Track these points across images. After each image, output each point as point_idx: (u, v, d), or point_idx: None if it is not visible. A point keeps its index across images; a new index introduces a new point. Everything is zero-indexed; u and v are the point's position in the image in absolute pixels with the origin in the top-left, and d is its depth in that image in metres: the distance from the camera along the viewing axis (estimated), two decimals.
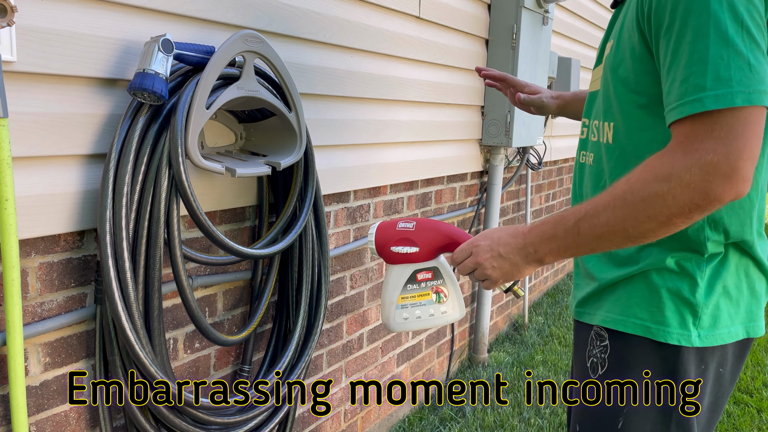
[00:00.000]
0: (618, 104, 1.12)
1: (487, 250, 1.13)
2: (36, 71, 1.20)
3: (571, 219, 1.03)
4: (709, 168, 0.91)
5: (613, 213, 0.98)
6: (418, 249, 1.23)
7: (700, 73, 0.92)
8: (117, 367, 1.36)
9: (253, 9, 1.64)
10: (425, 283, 1.26)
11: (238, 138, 1.68)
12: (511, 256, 1.11)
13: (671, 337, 1.10)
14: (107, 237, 1.28)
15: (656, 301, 1.12)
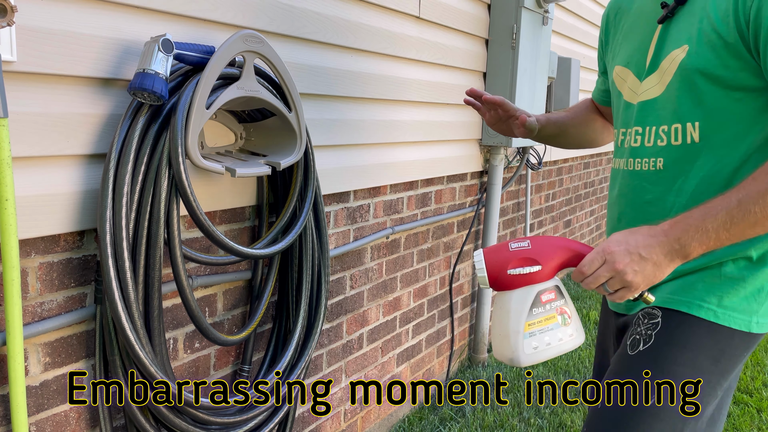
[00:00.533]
0: (706, 103, 1.16)
1: (625, 254, 1.09)
2: (36, 71, 1.20)
3: (721, 210, 1.05)
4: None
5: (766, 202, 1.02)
6: (541, 267, 1.15)
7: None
8: (117, 367, 1.36)
9: (253, 9, 1.64)
10: (550, 304, 1.17)
11: (238, 138, 1.68)
12: (654, 256, 1.09)
13: (734, 321, 1.15)
14: (107, 237, 1.28)
15: (727, 287, 1.16)
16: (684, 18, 1.20)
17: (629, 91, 1.32)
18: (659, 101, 1.23)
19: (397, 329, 2.64)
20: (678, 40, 1.20)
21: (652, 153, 1.24)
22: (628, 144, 1.30)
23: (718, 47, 1.13)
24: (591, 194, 5.24)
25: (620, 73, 1.36)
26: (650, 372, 1.16)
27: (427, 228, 2.75)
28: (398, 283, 2.59)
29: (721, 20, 1.12)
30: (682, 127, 1.19)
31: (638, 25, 1.32)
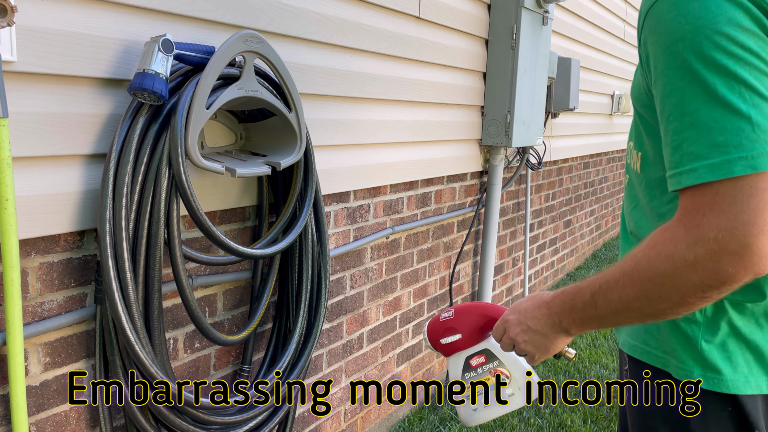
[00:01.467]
0: (645, 134, 1.02)
1: (517, 324, 1.08)
2: (36, 71, 1.20)
3: (588, 291, 0.95)
4: (714, 246, 0.79)
5: (623, 290, 0.89)
6: (461, 335, 1.21)
7: (693, 139, 0.81)
8: (117, 367, 1.36)
9: (253, 9, 1.64)
10: (481, 368, 1.22)
11: (238, 138, 1.68)
12: (540, 328, 1.05)
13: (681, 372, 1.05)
14: (107, 237, 1.28)
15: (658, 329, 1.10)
16: None
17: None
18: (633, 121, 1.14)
19: (397, 329, 2.64)
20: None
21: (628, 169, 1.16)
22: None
23: (640, 78, 0.98)
24: (591, 194, 5.24)
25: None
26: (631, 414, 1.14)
27: (427, 228, 2.75)
28: (398, 283, 2.59)
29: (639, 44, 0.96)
30: (633, 153, 1.10)
31: None
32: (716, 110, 0.80)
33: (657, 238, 0.86)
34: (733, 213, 0.78)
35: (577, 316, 0.98)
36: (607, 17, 4.74)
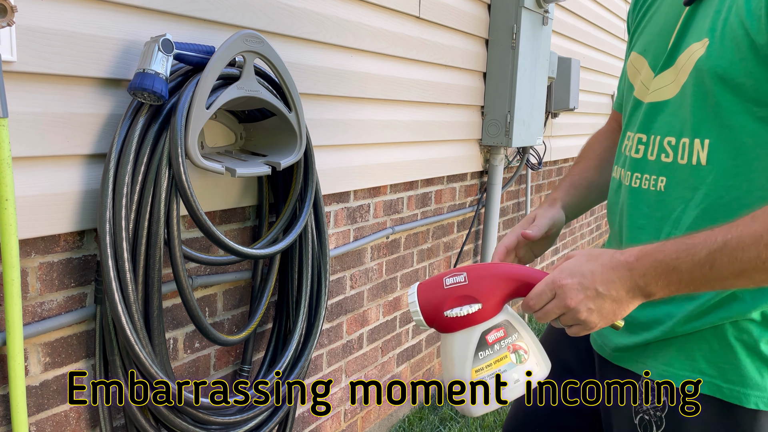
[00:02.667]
0: (723, 117, 0.92)
1: (579, 290, 0.91)
2: (36, 71, 1.20)
3: (702, 249, 0.84)
4: None
5: (766, 248, 0.80)
6: (482, 305, 0.97)
7: None
8: (117, 367, 1.36)
9: (253, 9, 1.64)
10: (499, 344, 1.00)
11: (238, 138, 1.68)
12: (614, 292, 0.90)
13: (747, 399, 0.95)
14: (107, 237, 1.28)
15: (729, 356, 0.96)
16: (714, 2, 0.95)
17: (641, 85, 1.08)
18: (671, 105, 1.00)
19: (397, 329, 2.64)
20: (700, 31, 0.95)
21: (654, 169, 1.02)
22: (630, 152, 1.08)
23: (743, 47, 0.88)
24: None
25: (634, 62, 1.12)
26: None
27: (427, 228, 2.75)
28: (398, 283, 2.59)
29: (752, 12, 0.87)
30: (689, 143, 0.97)
31: (666, 4, 1.07)
32: None
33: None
34: None
35: (675, 278, 0.86)
36: (607, 17, 4.74)
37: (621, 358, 1.08)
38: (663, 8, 1.08)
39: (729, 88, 0.91)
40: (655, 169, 1.02)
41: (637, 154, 1.06)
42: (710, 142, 0.94)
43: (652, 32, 1.09)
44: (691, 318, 0.98)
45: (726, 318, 0.96)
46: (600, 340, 1.14)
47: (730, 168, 0.93)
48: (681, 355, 0.99)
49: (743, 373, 0.95)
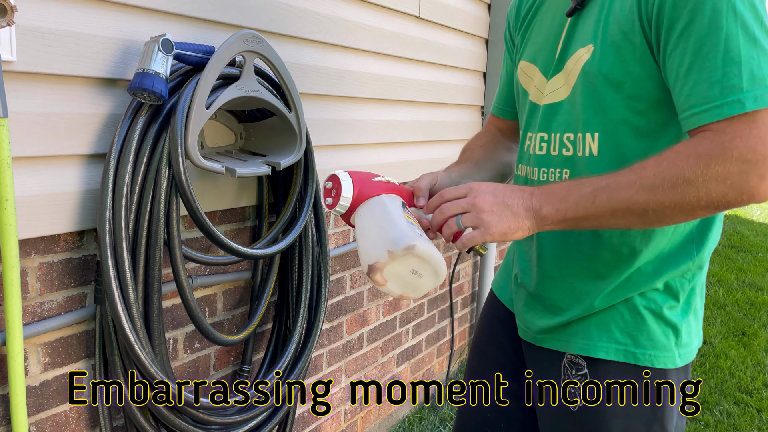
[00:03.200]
0: (608, 113, 1.05)
1: (490, 194, 1.01)
2: (36, 71, 1.20)
3: (588, 186, 0.97)
4: (745, 166, 0.89)
5: (637, 192, 0.93)
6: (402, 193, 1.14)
7: (735, 74, 0.90)
8: (117, 367, 1.36)
9: (253, 9, 1.64)
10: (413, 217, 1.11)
11: (238, 138, 1.68)
12: (515, 206, 1.00)
13: (657, 360, 1.09)
14: (107, 237, 1.28)
15: (639, 324, 1.09)
16: (593, 12, 1.07)
17: (536, 90, 1.20)
18: (564, 105, 1.12)
19: (397, 329, 2.64)
20: (584, 38, 1.07)
21: (558, 163, 1.13)
22: (533, 150, 1.19)
23: (622, 49, 1.01)
24: None
25: (525, 70, 1.23)
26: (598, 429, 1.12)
27: None
28: None
29: (627, 18, 1.00)
30: (582, 137, 1.09)
31: (549, 16, 1.19)
32: (753, 48, 0.90)
33: (688, 149, 0.92)
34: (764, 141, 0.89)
35: (563, 207, 0.98)
36: None
37: (545, 339, 1.20)
38: (545, 20, 1.20)
39: (612, 87, 1.03)
40: (559, 163, 1.13)
41: (541, 151, 1.17)
42: (599, 135, 1.07)
43: (537, 42, 1.21)
44: (606, 295, 1.11)
45: (635, 291, 1.09)
46: (524, 326, 1.26)
47: (616, 156, 1.06)
48: (599, 329, 1.12)
49: (652, 337, 1.09)
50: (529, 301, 1.24)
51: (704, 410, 3.04)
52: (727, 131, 0.90)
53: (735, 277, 5.25)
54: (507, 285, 1.38)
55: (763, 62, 0.91)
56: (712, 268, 5.50)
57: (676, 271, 1.09)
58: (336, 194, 1.12)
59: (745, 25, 0.91)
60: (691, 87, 0.94)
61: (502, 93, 1.42)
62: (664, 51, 0.97)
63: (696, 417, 2.97)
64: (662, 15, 0.96)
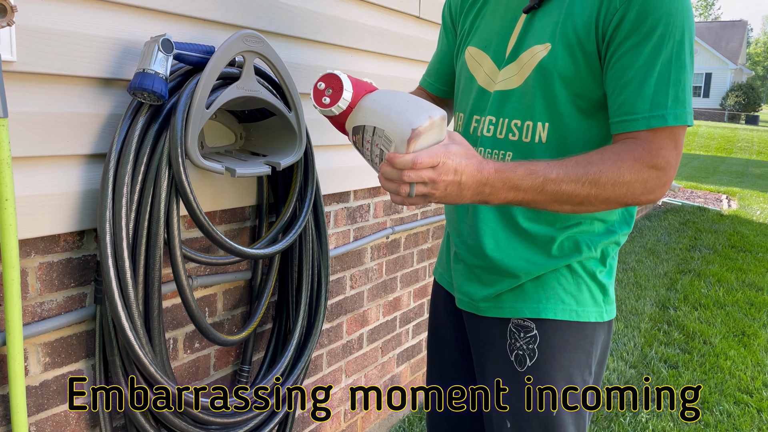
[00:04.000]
0: (558, 106, 1.18)
1: (451, 172, 1.03)
2: (36, 71, 1.20)
3: (540, 177, 1.07)
4: (660, 173, 1.09)
5: (581, 187, 1.07)
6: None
7: (663, 93, 1.08)
8: (117, 368, 1.36)
9: (253, 9, 1.64)
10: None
11: (238, 138, 1.68)
12: (465, 190, 1.05)
13: (590, 315, 1.25)
14: (107, 237, 1.28)
15: (580, 285, 1.25)
16: (550, 13, 1.18)
17: (485, 76, 1.29)
18: (515, 94, 1.22)
19: (397, 329, 2.64)
20: (541, 36, 1.18)
21: (502, 145, 1.25)
22: (480, 132, 1.29)
23: (576, 53, 1.14)
24: None
25: (475, 56, 1.32)
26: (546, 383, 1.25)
27: (427, 228, 2.74)
28: (398, 283, 2.59)
29: (583, 26, 1.13)
30: (533, 125, 1.21)
31: (501, 8, 1.29)
32: (682, 74, 1.09)
33: (628, 154, 1.08)
34: (676, 152, 1.10)
35: (511, 195, 1.08)
36: None
37: (489, 308, 1.30)
38: (498, 11, 1.29)
39: (563, 84, 1.16)
40: (504, 146, 1.25)
41: (488, 133, 1.27)
42: (549, 125, 1.20)
43: (489, 30, 1.30)
44: (550, 261, 1.24)
45: (576, 259, 1.25)
46: (466, 297, 1.35)
47: (561, 145, 1.19)
48: (546, 292, 1.25)
49: (589, 296, 1.26)
50: (469, 273, 1.34)
51: (704, 410, 3.04)
52: (654, 141, 1.08)
53: (735, 277, 5.25)
54: (447, 267, 1.47)
55: (687, 86, 1.10)
56: (713, 268, 5.51)
57: (608, 241, 1.26)
58: (334, 92, 1.09)
59: (680, 54, 1.08)
60: (625, 97, 1.10)
61: (437, 70, 1.52)
62: (609, 60, 1.12)
63: (696, 419, 2.97)
64: (617, 31, 1.10)
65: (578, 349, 1.25)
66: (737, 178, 12.27)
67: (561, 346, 1.24)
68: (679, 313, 4.35)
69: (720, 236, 6.76)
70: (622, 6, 1.09)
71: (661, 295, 4.71)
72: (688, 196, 9.67)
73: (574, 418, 1.26)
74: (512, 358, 1.27)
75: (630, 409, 3.00)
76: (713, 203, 9.14)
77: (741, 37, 42.57)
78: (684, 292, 4.81)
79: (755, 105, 37.00)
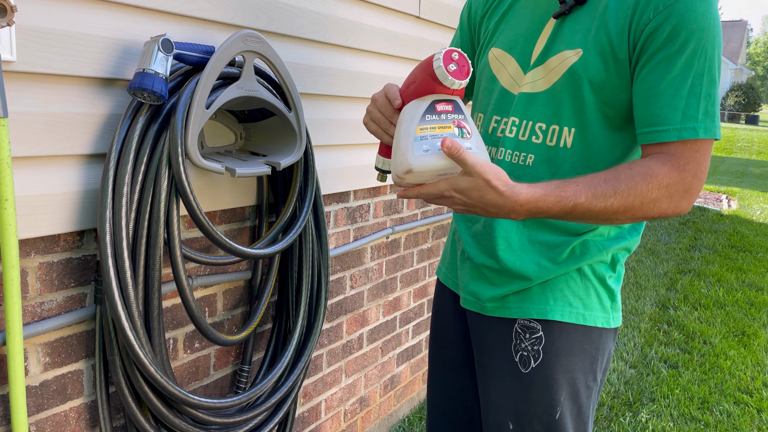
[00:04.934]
0: (586, 112, 1.19)
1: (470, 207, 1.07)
2: (36, 71, 1.20)
3: (570, 203, 1.08)
4: (687, 187, 1.09)
5: (611, 204, 1.08)
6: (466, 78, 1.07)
7: (694, 106, 1.09)
8: (117, 367, 1.36)
9: (253, 9, 1.64)
10: (446, 115, 1.09)
11: (238, 138, 1.68)
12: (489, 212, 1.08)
13: (598, 320, 1.25)
14: (107, 237, 1.28)
15: (589, 289, 1.25)
16: (581, 19, 1.19)
17: (509, 78, 1.29)
18: (541, 97, 1.22)
19: (397, 329, 2.64)
20: (572, 42, 1.19)
21: (525, 147, 1.24)
22: (502, 133, 1.29)
23: (608, 60, 1.15)
24: None
25: (499, 57, 1.32)
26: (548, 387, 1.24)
27: (427, 228, 2.74)
28: (398, 283, 2.59)
29: (618, 34, 1.13)
30: (559, 130, 1.21)
31: (527, 12, 1.29)
32: (712, 88, 1.10)
33: (657, 169, 1.09)
34: (703, 166, 1.10)
35: (541, 215, 1.09)
36: None
37: (496, 308, 1.30)
38: (524, 15, 1.29)
39: (593, 90, 1.17)
40: (525, 147, 1.25)
41: (510, 134, 1.27)
42: (575, 130, 1.20)
43: (515, 33, 1.30)
44: (560, 265, 1.24)
45: (586, 262, 1.24)
46: (472, 297, 1.34)
47: (586, 151, 1.20)
48: (554, 294, 1.25)
49: (597, 301, 1.26)
50: (477, 273, 1.33)
51: (704, 410, 3.04)
52: (684, 155, 1.09)
53: (735, 277, 5.25)
54: (452, 267, 1.46)
55: (716, 101, 1.11)
56: (712, 268, 5.50)
57: (619, 246, 1.26)
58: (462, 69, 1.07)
59: (711, 68, 1.10)
60: (657, 108, 1.10)
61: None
62: (640, 71, 1.12)
63: (696, 417, 2.97)
64: (650, 41, 1.10)
65: (583, 353, 1.24)
66: (737, 178, 12.27)
67: (566, 348, 1.24)
68: (679, 313, 4.35)
69: (720, 236, 6.77)
70: (656, 16, 1.09)
71: (661, 295, 4.71)
72: None
73: (575, 422, 1.26)
74: (516, 358, 1.26)
75: (630, 409, 3.00)
76: (713, 203, 9.14)
77: (741, 37, 42.56)
78: (684, 292, 4.81)
79: (755, 105, 37.00)
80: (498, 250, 1.28)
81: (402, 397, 2.77)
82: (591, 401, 1.28)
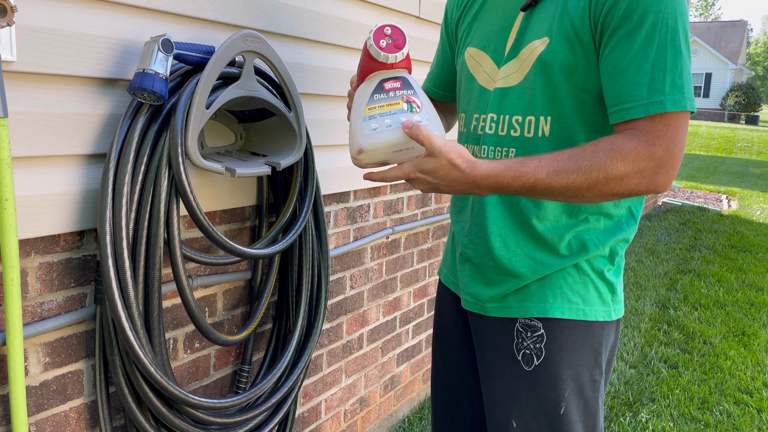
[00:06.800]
0: (560, 99, 1.19)
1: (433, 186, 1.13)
2: (36, 71, 1.20)
3: (530, 179, 1.08)
4: (660, 162, 1.06)
5: (574, 180, 1.08)
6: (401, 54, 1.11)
7: (660, 80, 1.07)
8: (117, 367, 1.36)
9: (253, 9, 1.64)
10: (394, 92, 1.12)
11: (238, 138, 1.68)
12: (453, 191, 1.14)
13: (599, 314, 1.25)
14: (107, 237, 1.28)
15: (588, 284, 1.25)
16: (547, 8, 1.20)
17: (485, 76, 1.31)
18: (516, 90, 1.23)
19: (397, 329, 2.64)
20: (539, 31, 1.20)
21: (505, 142, 1.25)
22: (482, 130, 1.30)
23: (574, 44, 1.15)
24: None
25: (474, 56, 1.34)
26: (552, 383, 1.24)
27: (427, 228, 2.75)
28: (398, 283, 2.59)
29: (579, 17, 1.14)
30: (536, 120, 1.21)
31: (498, 9, 1.30)
32: (678, 60, 1.08)
33: (622, 144, 1.07)
34: (677, 140, 1.07)
35: (503, 191, 1.11)
36: None
37: (496, 309, 1.30)
38: (496, 11, 1.31)
39: (564, 76, 1.17)
40: (505, 142, 1.25)
41: (491, 131, 1.28)
42: (551, 119, 1.20)
43: (487, 31, 1.31)
44: (557, 261, 1.24)
45: (583, 258, 1.24)
46: (472, 298, 1.35)
47: (565, 138, 1.20)
48: (553, 292, 1.25)
49: (596, 295, 1.25)
50: (476, 274, 1.34)
51: (704, 410, 3.04)
52: (650, 131, 1.07)
53: (735, 277, 5.25)
54: (453, 268, 1.47)
55: (684, 72, 1.08)
56: (713, 268, 5.50)
57: (616, 239, 1.26)
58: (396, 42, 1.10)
59: (675, 39, 1.07)
60: (622, 85, 1.09)
61: (436, 75, 1.56)
62: (603, 50, 1.12)
63: (696, 417, 2.97)
64: (608, 19, 1.10)
65: (586, 348, 1.24)
66: (737, 178, 12.27)
67: (568, 344, 1.24)
68: (679, 313, 4.35)
69: (720, 236, 6.77)
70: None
71: (661, 295, 4.71)
72: (688, 196, 9.67)
73: (582, 416, 1.26)
74: (519, 357, 1.27)
75: (630, 409, 3.00)
76: (713, 203, 9.14)
77: (741, 37, 42.59)
78: (684, 292, 4.81)
79: (755, 105, 37.01)
80: (493, 248, 1.29)
81: (402, 397, 2.77)
82: (598, 394, 1.28)
